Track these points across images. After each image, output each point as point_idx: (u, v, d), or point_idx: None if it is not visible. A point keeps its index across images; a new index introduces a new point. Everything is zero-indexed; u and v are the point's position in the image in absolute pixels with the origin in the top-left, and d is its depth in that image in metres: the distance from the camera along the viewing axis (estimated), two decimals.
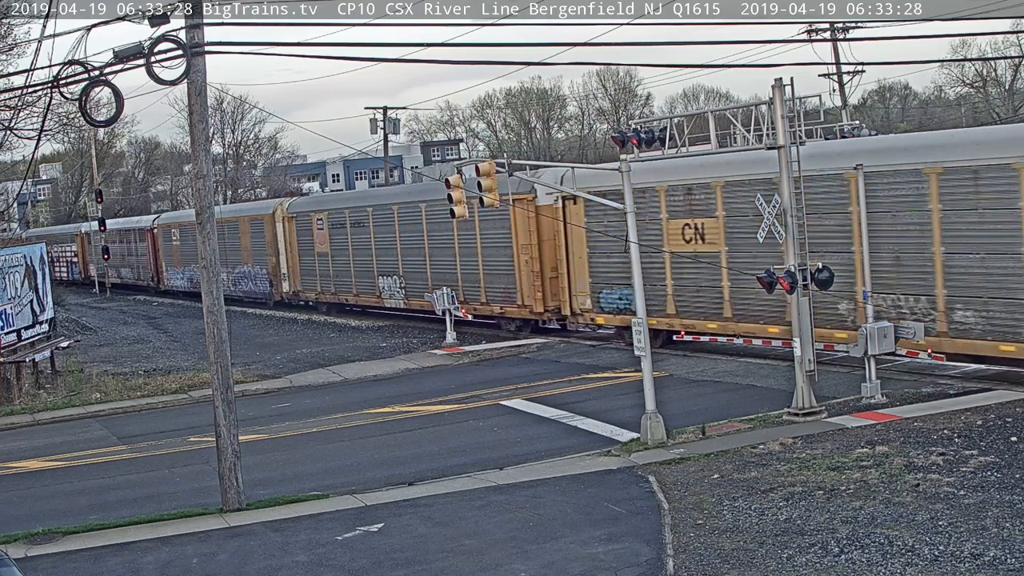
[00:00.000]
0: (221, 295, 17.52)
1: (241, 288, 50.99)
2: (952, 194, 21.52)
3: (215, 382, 17.45)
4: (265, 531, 16.02)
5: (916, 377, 22.84)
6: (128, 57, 15.73)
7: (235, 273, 51.25)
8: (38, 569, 15.02)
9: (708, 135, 21.65)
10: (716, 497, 15.62)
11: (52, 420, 26.84)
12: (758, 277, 20.73)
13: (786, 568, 12.60)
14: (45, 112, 28.93)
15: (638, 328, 19.59)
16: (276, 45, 17.86)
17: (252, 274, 50.49)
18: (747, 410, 21.04)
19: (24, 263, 31.90)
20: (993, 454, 16.37)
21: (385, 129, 64.56)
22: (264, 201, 56.09)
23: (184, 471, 20.63)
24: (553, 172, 30.99)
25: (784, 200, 20.20)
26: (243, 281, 51.14)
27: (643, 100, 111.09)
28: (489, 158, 33.97)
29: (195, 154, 17.49)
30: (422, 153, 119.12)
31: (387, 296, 40.14)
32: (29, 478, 21.35)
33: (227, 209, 57.69)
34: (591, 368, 27.56)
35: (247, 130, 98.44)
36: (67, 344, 34.87)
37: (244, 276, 51.16)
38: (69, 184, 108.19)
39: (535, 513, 15.69)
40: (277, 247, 47.44)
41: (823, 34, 50.03)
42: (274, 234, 47.49)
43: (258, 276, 49.84)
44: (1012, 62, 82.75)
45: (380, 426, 23.20)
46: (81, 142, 79.47)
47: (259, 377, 30.24)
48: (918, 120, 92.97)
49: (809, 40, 49.83)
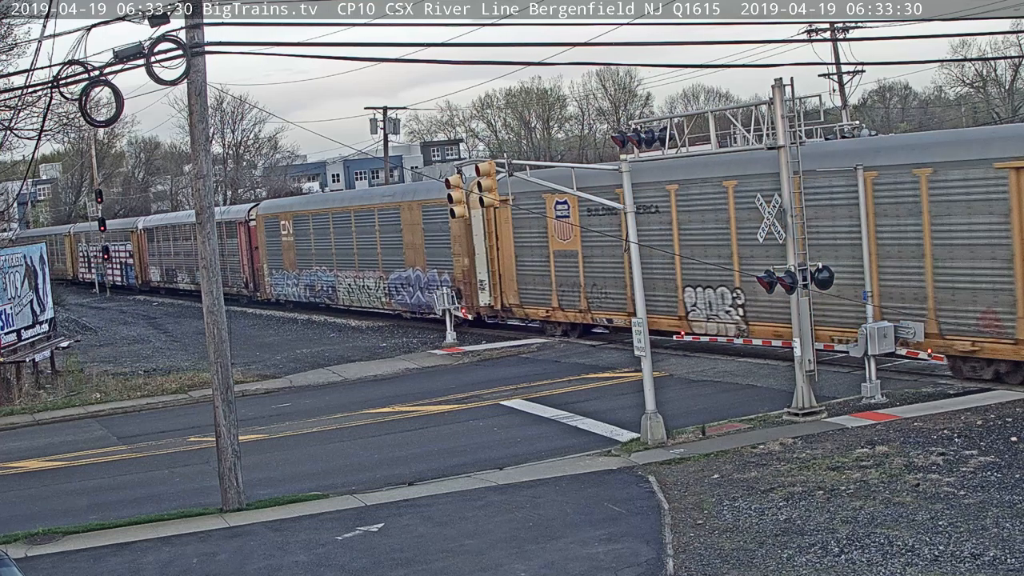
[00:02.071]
0: (221, 295, 17.54)
1: (401, 300, 39.18)
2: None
3: (215, 382, 17.45)
4: (265, 531, 16.02)
5: (916, 377, 22.84)
6: (128, 57, 15.74)
7: (391, 280, 39.68)
8: (38, 569, 15.02)
9: (708, 135, 21.65)
10: (716, 497, 15.62)
11: (52, 420, 26.84)
12: (758, 277, 20.73)
13: (786, 568, 12.60)
14: (45, 112, 28.99)
15: (638, 328, 19.58)
16: (276, 45, 17.86)
17: (421, 281, 38.06)
18: (747, 410, 21.04)
19: (24, 263, 31.92)
20: (993, 454, 16.37)
21: (385, 129, 64.54)
22: (434, 181, 41.19)
23: (184, 471, 20.63)
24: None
25: (784, 200, 20.21)
26: (404, 290, 38.92)
27: (643, 100, 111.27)
28: (489, 158, 34.07)
29: (195, 154, 17.50)
30: (422, 153, 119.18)
31: (702, 318, 27.15)
32: (29, 478, 21.35)
33: (380, 192, 47.00)
34: (591, 368, 27.56)
35: (247, 130, 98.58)
36: (67, 344, 34.91)
37: (406, 283, 38.87)
38: (69, 184, 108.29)
39: (535, 513, 15.69)
40: (471, 244, 35.27)
41: (823, 34, 50.02)
42: (465, 226, 34.53)
43: (433, 284, 37.00)
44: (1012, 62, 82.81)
45: (380, 426, 23.20)
46: (81, 142, 79.38)
47: (259, 377, 30.24)
48: (918, 120, 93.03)
49: (809, 40, 49.87)
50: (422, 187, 39.38)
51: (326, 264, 43.94)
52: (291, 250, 46.43)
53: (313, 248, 44.79)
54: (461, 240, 35.13)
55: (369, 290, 40.90)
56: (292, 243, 46.24)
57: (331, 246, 43.35)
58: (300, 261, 45.78)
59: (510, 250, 33.45)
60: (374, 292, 40.58)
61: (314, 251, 44.73)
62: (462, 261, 35.38)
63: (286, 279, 47.10)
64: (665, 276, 28.01)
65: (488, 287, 34.48)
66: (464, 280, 35.30)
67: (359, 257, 41.41)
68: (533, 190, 29.74)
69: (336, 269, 43.35)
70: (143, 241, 64.43)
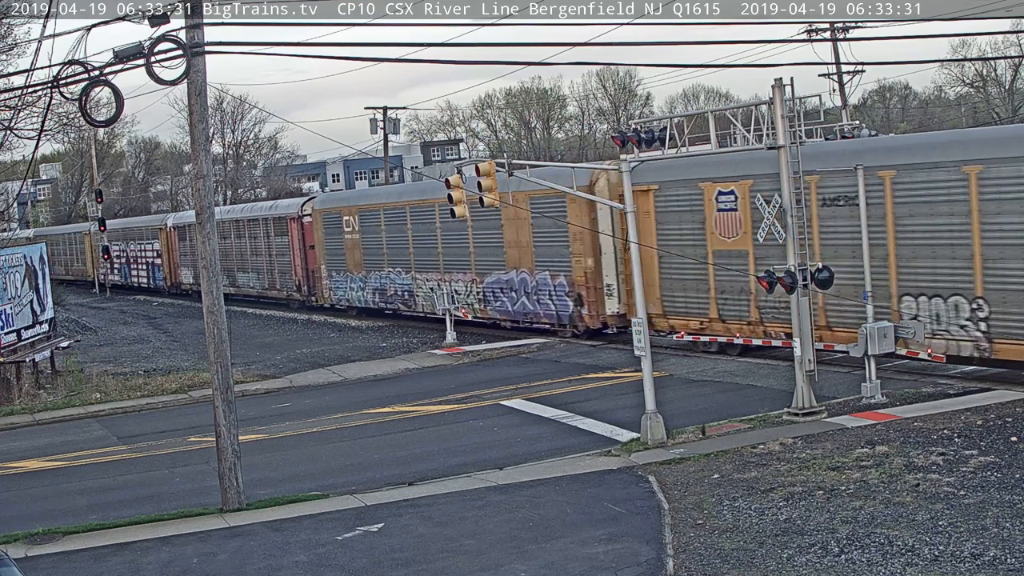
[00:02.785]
0: (221, 295, 17.53)
1: (499, 307, 34.18)
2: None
3: (215, 382, 17.45)
4: (265, 531, 16.02)
5: (916, 377, 22.84)
6: (128, 57, 15.74)
7: (488, 283, 34.59)
8: (38, 569, 15.02)
9: (708, 135, 21.65)
10: (716, 497, 15.62)
11: (52, 420, 26.84)
12: (758, 277, 20.71)
13: (786, 568, 12.60)
14: (45, 112, 28.94)
15: (638, 328, 19.58)
16: (276, 45, 17.86)
17: (528, 285, 32.95)
18: (747, 410, 21.04)
19: (24, 263, 31.93)
20: (993, 454, 16.37)
21: (385, 129, 64.56)
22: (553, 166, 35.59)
23: (184, 471, 20.63)
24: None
25: (784, 200, 20.20)
26: (504, 296, 33.99)
27: (643, 100, 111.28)
28: (489, 158, 33.67)
29: (195, 154, 17.50)
30: (422, 153, 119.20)
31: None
32: (29, 478, 21.35)
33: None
34: (591, 368, 27.56)
35: (247, 130, 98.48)
36: (67, 344, 34.91)
37: (507, 287, 33.81)
38: (69, 184, 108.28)
39: (535, 513, 15.69)
40: (596, 243, 30.55)
41: (823, 34, 50.03)
42: (590, 221, 30.11)
43: (543, 288, 32.26)
44: (1012, 62, 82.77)
45: (380, 426, 23.20)
46: (81, 142, 79.31)
47: (259, 377, 30.24)
48: (918, 120, 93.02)
49: (809, 40, 49.88)
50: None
51: (401, 265, 38.99)
52: (356, 249, 41.40)
53: (385, 247, 39.78)
54: (583, 238, 30.36)
55: (457, 295, 35.93)
56: (358, 241, 41.23)
57: (408, 244, 38.45)
58: (368, 262, 40.84)
59: (651, 249, 27.40)
60: (463, 297, 35.67)
61: (386, 250, 39.73)
62: (584, 262, 30.57)
63: (349, 282, 42.08)
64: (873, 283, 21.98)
65: (618, 293, 29.94)
66: (586, 284, 30.58)
67: (445, 257, 36.62)
68: (686, 178, 26.23)
69: (414, 271, 38.27)
70: (173, 240, 58.62)
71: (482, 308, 34.78)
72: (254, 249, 49.61)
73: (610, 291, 30.06)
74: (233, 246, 50.99)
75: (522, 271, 32.94)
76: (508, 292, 33.59)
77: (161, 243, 60.48)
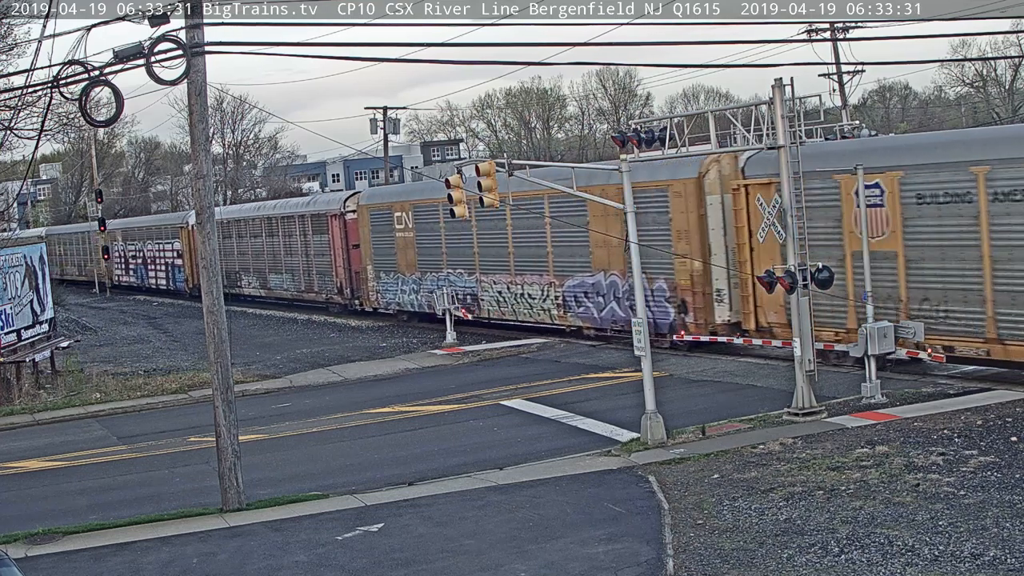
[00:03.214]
0: (221, 295, 17.54)
1: (584, 312, 30.82)
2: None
3: (215, 382, 17.45)
4: (265, 531, 16.02)
5: (916, 377, 22.84)
6: (128, 57, 15.74)
7: (569, 287, 31.31)
8: (38, 569, 15.02)
9: (708, 135, 21.66)
10: (716, 497, 15.62)
11: (52, 420, 26.84)
12: (758, 277, 20.71)
13: (786, 568, 12.60)
14: (45, 112, 28.92)
15: (638, 328, 19.59)
16: (276, 45, 17.88)
17: (618, 289, 29.32)
18: (747, 410, 21.04)
19: (24, 263, 31.94)
20: (993, 454, 16.37)
21: (385, 129, 64.57)
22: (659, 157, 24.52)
23: (184, 471, 20.63)
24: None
25: (784, 200, 20.20)
26: (590, 300, 30.53)
27: (643, 100, 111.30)
28: (489, 158, 33.47)
29: (195, 154, 17.51)
30: (422, 153, 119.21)
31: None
32: (29, 478, 21.35)
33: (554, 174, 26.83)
34: (591, 368, 27.56)
35: (247, 130, 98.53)
36: (67, 344, 34.92)
37: (593, 291, 30.43)
38: (69, 184, 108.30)
39: (535, 513, 15.69)
40: (704, 242, 27.05)
41: (823, 34, 50.05)
42: (698, 216, 26.89)
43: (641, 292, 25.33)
44: (1012, 62, 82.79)
45: (380, 426, 23.20)
46: (81, 142, 79.29)
47: (259, 377, 30.25)
48: (918, 120, 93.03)
49: (809, 40, 49.89)
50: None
51: (463, 266, 35.53)
52: (410, 248, 37.80)
53: (444, 246, 36.20)
54: (690, 236, 26.82)
55: (531, 299, 32.71)
56: (411, 239, 37.57)
57: (472, 243, 34.93)
58: (423, 262, 37.28)
59: (774, 249, 24.69)
60: (539, 302, 32.31)
61: (445, 250, 36.17)
62: (690, 264, 27.05)
63: (400, 284, 38.44)
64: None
65: (729, 298, 26.59)
66: (693, 289, 27.12)
67: (516, 258, 33.29)
68: (820, 170, 23.26)
69: (479, 272, 34.82)
70: (196, 239, 55.47)
71: (560, 314, 31.69)
72: (288, 249, 46.17)
73: (720, 297, 26.59)
74: (264, 246, 47.82)
75: (611, 274, 29.52)
76: (593, 297, 30.36)
77: (182, 243, 57.14)
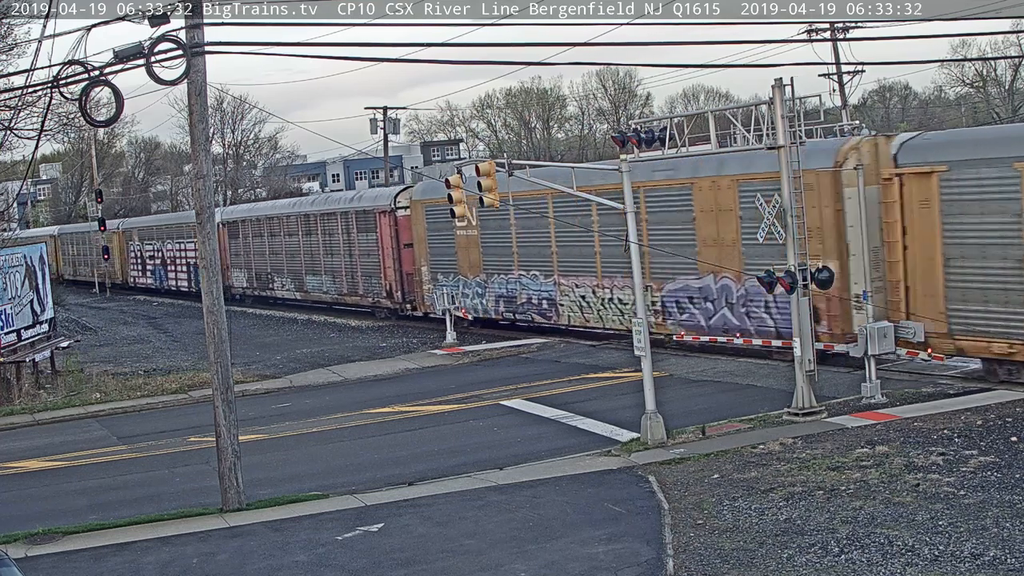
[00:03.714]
0: (221, 295, 17.54)
1: (688, 320, 27.70)
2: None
3: (215, 382, 17.45)
4: (265, 531, 16.02)
5: (916, 377, 22.84)
6: (128, 57, 15.74)
7: (669, 291, 28.12)
8: (38, 569, 15.02)
9: (708, 135, 21.65)
10: (716, 497, 15.62)
11: (52, 420, 26.84)
12: (758, 277, 20.71)
13: (786, 568, 12.60)
14: (45, 112, 28.90)
15: (638, 328, 19.59)
16: (276, 45, 17.87)
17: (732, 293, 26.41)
18: (747, 410, 21.04)
19: (24, 263, 31.94)
20: (993, 454, 16.37)
21: (385, 129, 64.56)
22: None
23: (184, 471, 20.63)
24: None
25: (784, 200, 20.21)
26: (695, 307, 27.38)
27: (643, 100, 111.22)
28: (489, 158, 33.34)
29: (195, 154, 17.51)
30: (422, 153, 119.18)
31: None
32: (29, 478, 21.35)
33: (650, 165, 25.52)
34: (591, 368, 27.55)
35: (247, 130, 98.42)
36: (67, 344, 34.92)
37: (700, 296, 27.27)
38: (69, 184, 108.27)
39: (535, 513, 15.69)
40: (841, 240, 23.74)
41: (823, 34, 50.04)
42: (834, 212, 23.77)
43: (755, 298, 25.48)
44: (1012, 62, 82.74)
45: (380, 426, 23.20)
46: (81, 142, 79.24)
47: (259, 377, 30.25)
48: (918, 120, 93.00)
49: (809, 40, 49.88)
50: (732, 158, 24.99)
51: (538, 268, 32.63)
52: (473, 248, 34.90)
53: (515, 245, 33.42)
54: (826, 235, 23.71)
55: (621, 305, 29.69)
56: (475, 238, 34.59)
57: (550, 242, 32.02)
58: (489, 263, 34.40)
59: (932, 248, 21.83)
60: (630, 307, 27.98)
61: (516, 249, 33.41)
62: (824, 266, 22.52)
63: (461, 287, 35.59)
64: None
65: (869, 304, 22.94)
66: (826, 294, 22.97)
67: (603, 258, 30.10)
68: (986, 157, 20.46)
69: (557, 275, 31.81)
70: (223, 238, 50.83)
71: (659, 321, 28.05)
72: (328, 248, 42.80)
73: (859, 302, 23.59)
74: (301, 245, 44.67)
75: (723, 277, 26.31)
76: (701, 302, 27.10)
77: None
